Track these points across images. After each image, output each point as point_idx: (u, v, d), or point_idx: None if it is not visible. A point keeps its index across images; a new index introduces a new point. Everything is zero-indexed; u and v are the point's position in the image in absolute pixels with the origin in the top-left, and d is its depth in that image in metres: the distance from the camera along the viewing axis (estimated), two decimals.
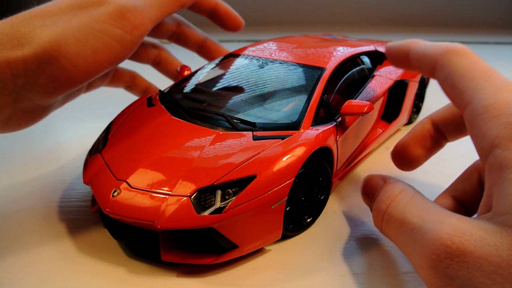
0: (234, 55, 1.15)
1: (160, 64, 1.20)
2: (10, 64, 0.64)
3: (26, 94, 0.70)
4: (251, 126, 0.86)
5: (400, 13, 2.99)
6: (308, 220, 0.86)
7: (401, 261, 0.78)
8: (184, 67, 1.18)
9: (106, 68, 0.77)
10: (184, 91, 1.04)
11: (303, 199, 0.85)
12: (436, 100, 1.57)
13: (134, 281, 0.73)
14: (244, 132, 0.84)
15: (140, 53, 1.14)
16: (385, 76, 1.19)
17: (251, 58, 1.10)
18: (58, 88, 0.72)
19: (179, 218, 0.70)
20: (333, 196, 0.97)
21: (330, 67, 1.01)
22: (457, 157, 1.15)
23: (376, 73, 1.18)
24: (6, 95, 0.67)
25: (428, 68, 0.67)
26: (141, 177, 0.77)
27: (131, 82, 1.20)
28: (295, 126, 0.86)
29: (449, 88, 0.63)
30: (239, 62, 1.11)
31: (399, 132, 1.33)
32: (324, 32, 1.64)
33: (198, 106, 0.95)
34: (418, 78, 1.31)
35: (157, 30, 1.07)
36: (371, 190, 0.75)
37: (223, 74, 1.08)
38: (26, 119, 0.79)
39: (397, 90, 1.23)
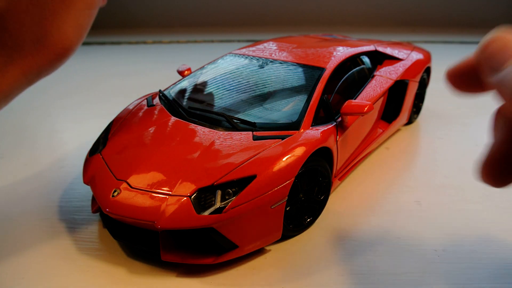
0: (234, 55, 1.15)
1: None
2: None
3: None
4: (251, 126, 0.86)
5: (400, 13, 3.00)
6: (308, 220, 0.86)
7: (401, 261, 0.78)
8: (184, 67, 1.18)
9: None
10: (184, 91, 1.04)
11: (303, 199, 0.85)
12: (436, 100, 1.57)
13: (134, 281, 0.73)
14: (244, 132, 0.84)
15: None
16: (385, 76, 1.19)
17: (251, 58, 1.10)
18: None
19: (179, 218, 0.70)
20: (333, 196, 0.97)
21: (330, 67, 1.01)
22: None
23: (376, 73, 1.18)
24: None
25: None
26: (141, 177, 0.77)
27: None
28: (295, 126, 0.86)
29: None
30: (239, 62, 1.11)
31: (399, 132, 1.33)
32: (324, 32, 1.64)
33: (198, 106, 0.95)
34: (418, 78, 1.31)
35: None
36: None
37: (223, 74, 1.08)
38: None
39: (397, 90, 1.23)
